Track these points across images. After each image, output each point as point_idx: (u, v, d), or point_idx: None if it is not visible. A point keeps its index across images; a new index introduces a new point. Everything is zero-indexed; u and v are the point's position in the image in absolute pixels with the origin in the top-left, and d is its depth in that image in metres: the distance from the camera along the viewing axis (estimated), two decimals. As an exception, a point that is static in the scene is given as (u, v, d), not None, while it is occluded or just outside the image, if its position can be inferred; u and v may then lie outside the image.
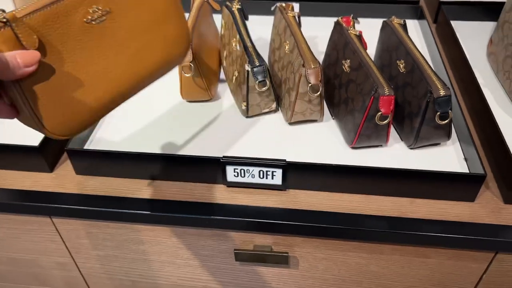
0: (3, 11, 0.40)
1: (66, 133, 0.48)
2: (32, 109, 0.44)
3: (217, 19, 0.97)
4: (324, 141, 0.75)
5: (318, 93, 0.70)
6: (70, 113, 0.47)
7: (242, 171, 0.67)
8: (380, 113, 0.64)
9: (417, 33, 1.03)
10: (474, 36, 0.99)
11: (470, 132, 0.70)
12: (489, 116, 0.72)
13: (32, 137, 0.72)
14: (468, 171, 0.69)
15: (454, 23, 0.98)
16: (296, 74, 0.71)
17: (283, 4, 0.84)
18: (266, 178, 0.67)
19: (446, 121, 0.65)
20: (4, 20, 0.39)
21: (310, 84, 0.69)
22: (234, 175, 0.68)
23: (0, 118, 0.44)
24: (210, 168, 0.68)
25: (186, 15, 0.85)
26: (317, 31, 1.00)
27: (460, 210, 0.65)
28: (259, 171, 0.67)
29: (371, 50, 0.82)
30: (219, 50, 0.92)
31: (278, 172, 0.66)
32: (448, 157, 0.71)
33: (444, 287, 0.73)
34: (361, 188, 0.67)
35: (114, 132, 0.77)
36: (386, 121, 0.65)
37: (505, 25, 0.84)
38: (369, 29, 1.01)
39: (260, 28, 1.03)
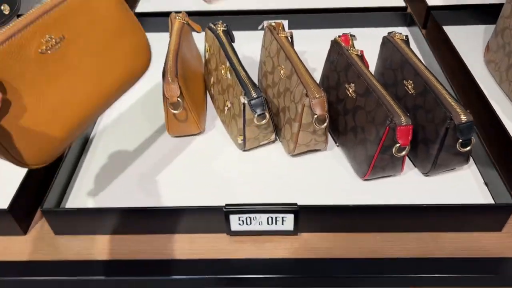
0: None
1: (41, 162, 0.48)
2: (1, 145, 0.44)
3: (196, 37, 0.88)
4: (332, 173, 0.68)
5: (325, 124, 0.63)
6: (40, 143, 0.47)
7: (248, 219, 0.60)
8: (398, 145, 0.58)
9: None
10: (466, 41, 0.95)
11: (489, 153, 0.65)
12: (504, 133, 0.67)
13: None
14: (491, 198, 0.64)
15: (444, 29, 0.94)
16: (298, 104, 0.64)
17: (273, 23, 0.76)
18: (276, 224, 0.60)
19: (469, 147, 0.59)
20: None
21: (316, 116, 0.62)
22: (239, 224, 0.60)
23: None
24: (211, 219, 0.60)
25: (165, 35, 0.77)
26: (305, 45, 0.93)
27: (488, 242, 0.60)
28: (267, 218, 0.59)
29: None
30: (203, 75, 0.84)
31: (289, 217, 0.59)
32: (466, 182, 0.66)
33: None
34: (381, 226, 0.61)
35: (94, 182, 0.68)
36: (404, 153, 0.59)
37: (505, 31, 0.80)
38: (359, 40, 0.96)
39: (243, 45, 0.95)
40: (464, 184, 0.66)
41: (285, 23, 0.90)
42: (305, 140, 0.67)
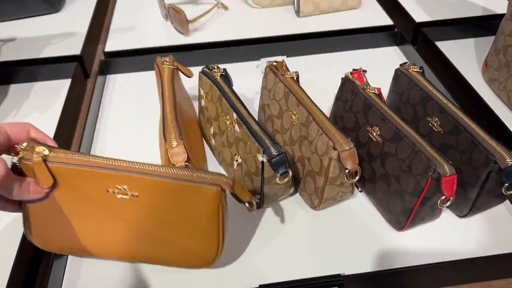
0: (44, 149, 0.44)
1: (46, 249, 0.52)
2: (24, 217, 0.49)
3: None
4: (362, 226, 0.62)
5: (357, 178, 0.56)
6: (53, 243, 0.51)
7: (286, 297, 0.52)
8: (443, 197, 0.53)
9: (401, 60, 0.94)
10: (458, 56, 0.91)
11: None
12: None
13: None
14: (533, 235, 0.60)
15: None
16: (323, 157, 0.57)
17: (274, 63, 0.69)
18: (316, 298, 0.53)
19: (514, 190, 0.55)
20: (42, 157, 0.43)
21: (347, 170, 0.55)
22: (276, 304, 0.53)
23: (8, 211, 0.47)
24: (244, 302, 0.52)
25: (140, 74, 0.68)
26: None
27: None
28: (308, 294, 0.52)
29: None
30: (197, 123, 0.75)
31: (332, 290, 0.52)
32: (503, 217, 0.62)
33: None
34: (429, 284, 0.56)
35: (93, 268, 0.58)
36: (449, 204, 0.54)
37: (508, 50, 0.77)
38: (350, 63, 0.92)
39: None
40: (500, 219, 0.62)
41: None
42: (331, 194, 0.60)
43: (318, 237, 0.61)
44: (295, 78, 0.67)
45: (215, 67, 0.69)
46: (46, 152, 0.43)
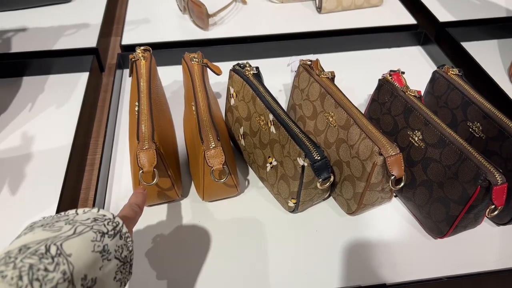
0: None
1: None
2: None
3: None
4: (399, 232, 0.60)
5: (402, 184, 0.55)
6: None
7: (330, 307, 0.50)
8: (493, 206, 0.51)
9: (425, 60, 0.93)
10: (482, 58, 0.90)
11: None
12: None
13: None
14: None
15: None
16: (366, 162, 0.55)
17: (308, 62, 0.67)
18: (360, 308, 0.52)
19: (562, 200, 0.54)
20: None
21: (393, 177, 0.54)
22: (318, 313, 0.51)
23: None
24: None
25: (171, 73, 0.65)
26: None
27: None
28: (352, 304, 0.51)
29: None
30: (224, 122, 0.73)
31: (377, 300, 0.51)
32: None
33: None
34: (470, 293, 0.55)
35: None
36: (497, 212, 0.52)
37: (540, 53, 0.76)
38: (373, 62, 0.90)
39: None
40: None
41: (311, 57, 0.80)
42: (371, 199, 0.58)
43: (356, 244, 0.59)
44: (330, 78, 0.65)
45: (247, 65, 0.66)
46: None
